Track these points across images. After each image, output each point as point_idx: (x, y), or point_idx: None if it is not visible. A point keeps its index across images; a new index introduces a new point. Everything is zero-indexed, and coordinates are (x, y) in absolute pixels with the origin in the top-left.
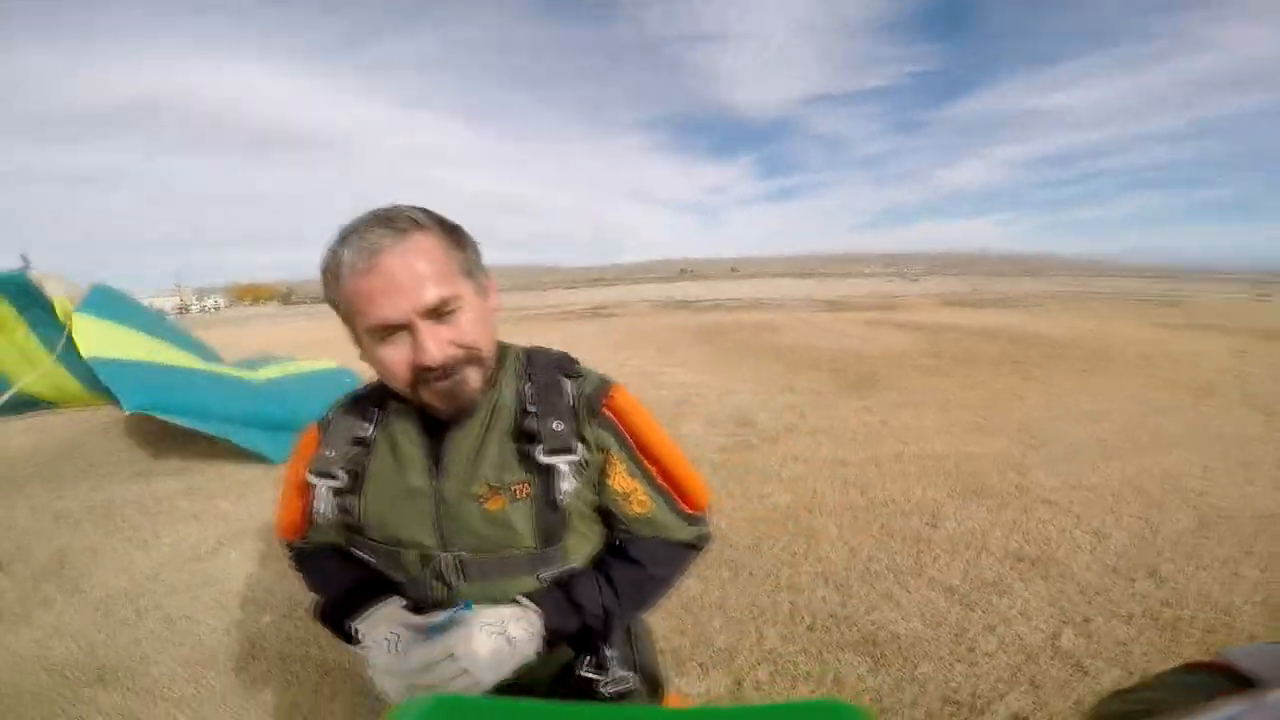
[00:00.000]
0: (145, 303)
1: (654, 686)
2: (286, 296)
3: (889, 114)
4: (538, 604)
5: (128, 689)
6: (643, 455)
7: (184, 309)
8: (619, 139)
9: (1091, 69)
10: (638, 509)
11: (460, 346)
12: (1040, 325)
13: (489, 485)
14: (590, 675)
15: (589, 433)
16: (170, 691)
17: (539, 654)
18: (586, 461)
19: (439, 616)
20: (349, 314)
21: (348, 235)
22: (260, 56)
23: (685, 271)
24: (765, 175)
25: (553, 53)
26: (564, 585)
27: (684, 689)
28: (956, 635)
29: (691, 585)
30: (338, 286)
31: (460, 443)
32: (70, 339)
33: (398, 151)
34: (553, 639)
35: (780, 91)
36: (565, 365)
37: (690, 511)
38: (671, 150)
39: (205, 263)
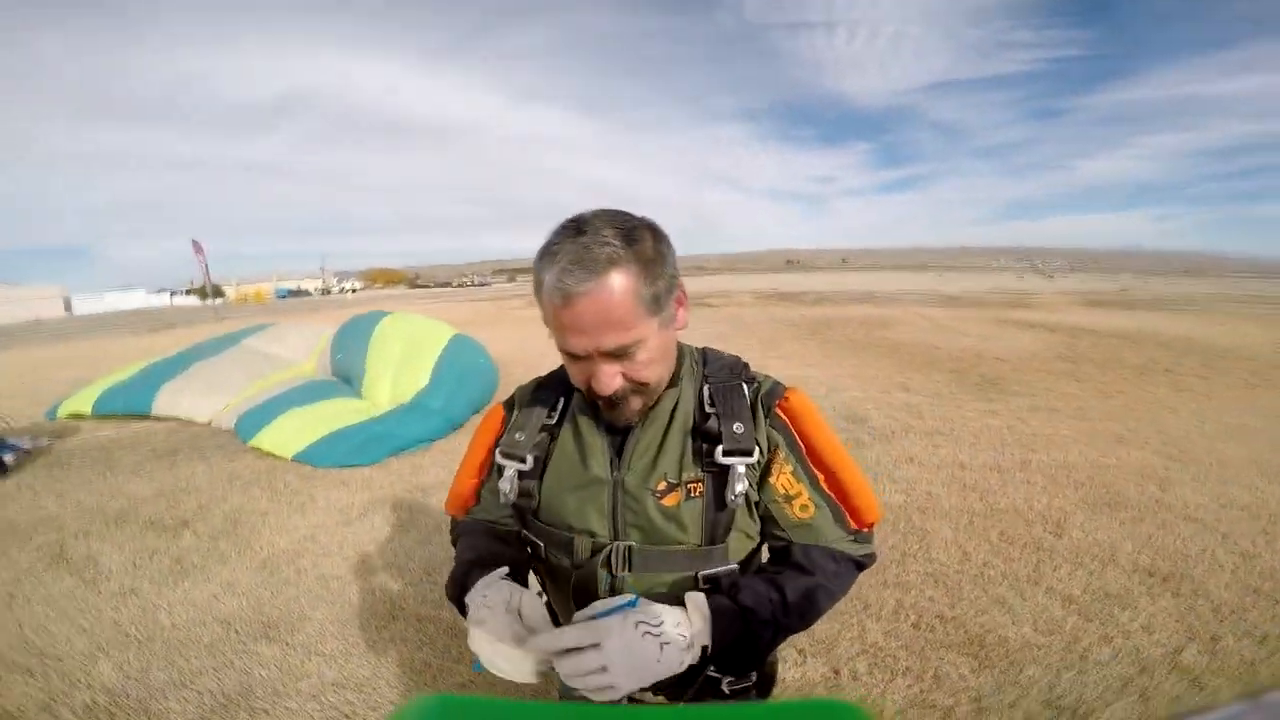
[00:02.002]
0: (294, 285)
1: (768, 681)
2: (413, 281)
3: (1021, 101)
4: (710, 608)
5: (286, 643)
6: (812, 460)
7: (326, 290)
8: (721, 128)
9: (1265, 55)
10: (799, 514)
11: (630, 381)
12: (1199, 331)
13: (667, 481)
14: (715, 674)
15: (762, 435)
16: (321, 647)
17: (690, 665)
18: (760, 464)
19: (606, 603)
20: (546, 321)
21: (554, 258)
22: (389, 55)
23: (792, 262)
24: (879, 165)
25: (656, 43)
26: (731, 592)
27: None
28: (1069, 644)
29: None
30: (540, 299)
31: (643, 438)
32: None
33: (513, 141)
34: (712, 653)
35: (896, 80)
36: (742, 369)
37: (856, 527)
38: (775, 139)
39: (345, 247)
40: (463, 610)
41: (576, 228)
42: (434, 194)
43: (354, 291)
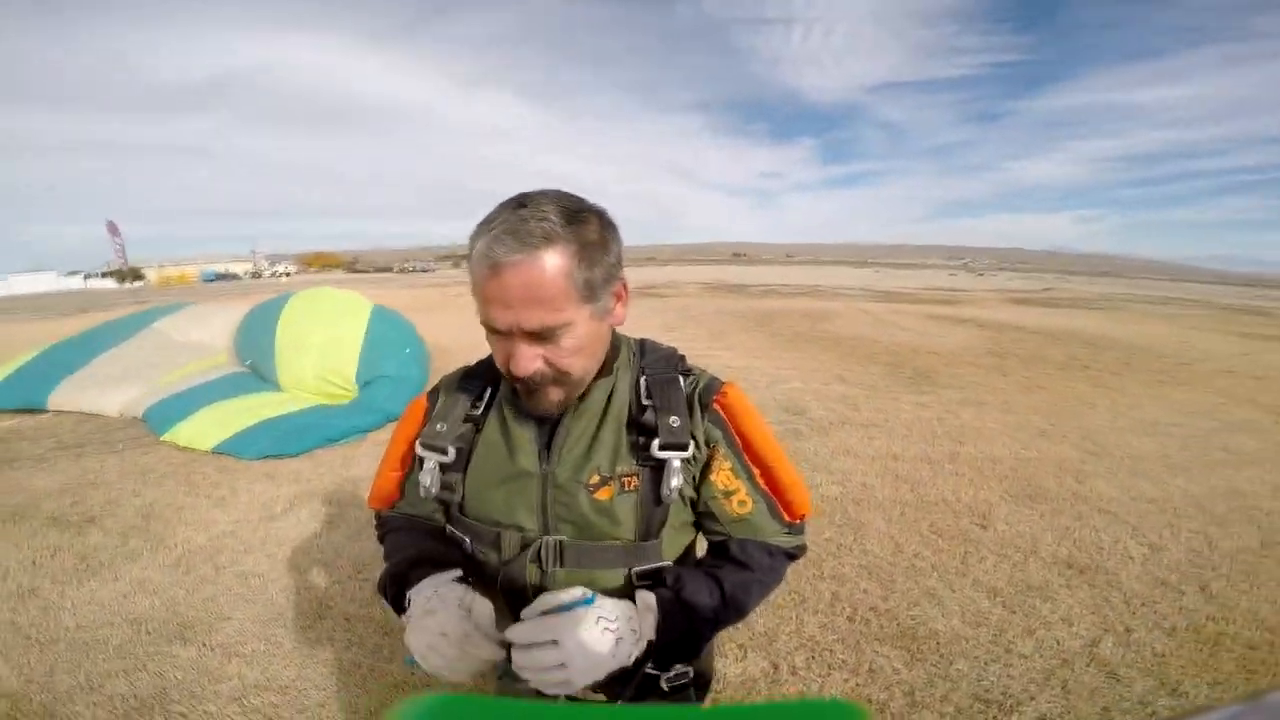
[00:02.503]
0: (222, 268)
1: (705, 679)
2: (351, 265)
3: (963, 104)
4: (656, 603)
5: (203, 644)
6: (749, 455)
7: (257, 274)
8: (674, 119)
9: (1193, 66)
10: (738, 509)
11: (550, 366)
12: (1116, 329)
13: (600, 474)
14: (653, 671)
15: (699, 430)
16: (242, 648)
17: (636, 659)
18: (695, 458)
19: (561, 598)
20: (474, 295)
21: (489, 227)
22: (332, 36)
23: (739, 255)
24: (825, 161)
25: (611, 32)
26: (675, 588)
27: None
28: (995, 636)
29: None
30: (470, 270)
31: (574, 429)
32: None
33: (461, 128)
34: (657, 647)
35: (846, 78)
36: (678, 361)
37: (790, 520)
38: (727, 133)
39: (278, 231)
40: (399, 606)
41: (519, 201)
42: (379, 180)
43: (287, 275)
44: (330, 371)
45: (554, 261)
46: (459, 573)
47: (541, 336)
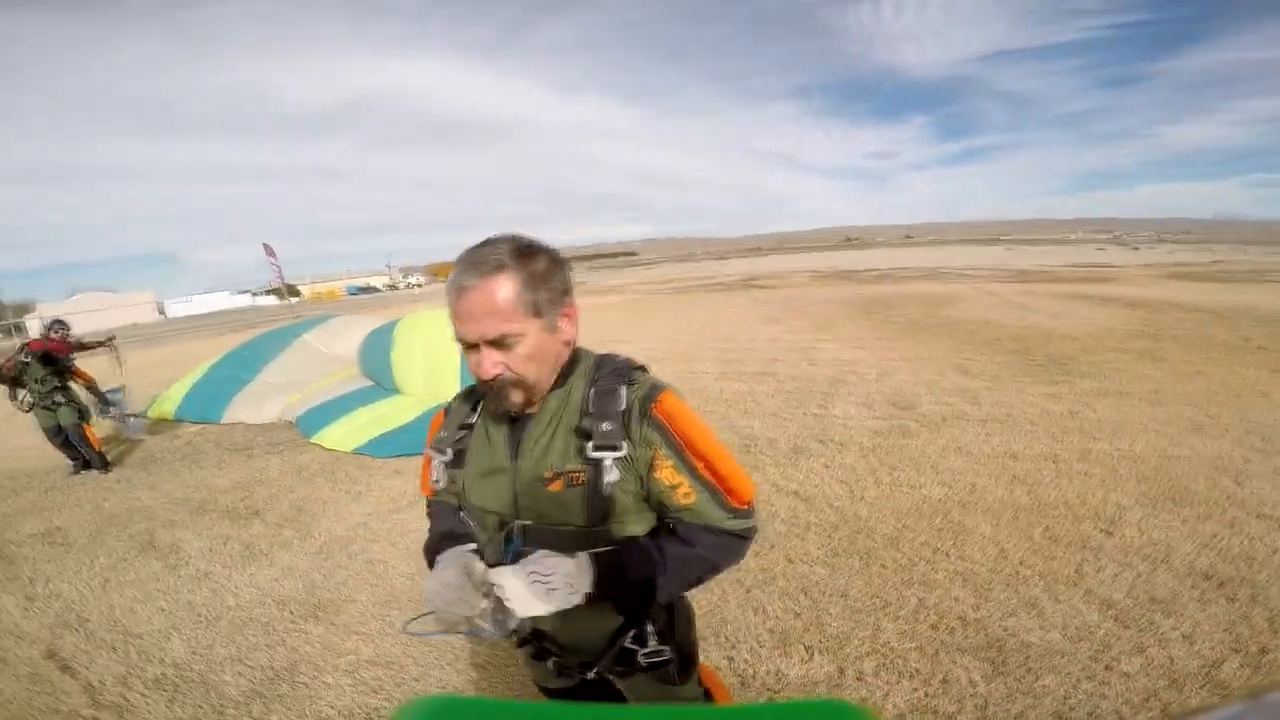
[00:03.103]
0: (363, 282)
1: (687, 660)
2: None
3: (1091, 69)
4: (593, 562)
5: (331, 623)
6: (690, 453)
7: (393, 286)
8: (769, 107)
9: None
10: (683, 500)
11: (505, 370)
12: None
13: (554, 470)
14: (630, 646)
15: (636, 433)
16: (362, 627)
17: (580, 603)
18: (632, 458)
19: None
20: (450, 319)
21: (463, 256)
22: (432, 55)
23: (851, 240)
24: (941, 138)
25: (693, 25)
26: (615, 552)
27: (784, 670)
28: (1097, 652)
29: (818, 571)
30: (446, 297)
31: (534, 433)
32: None
33: (560, 134)
34: (598, 594)
35: (951, 50)
36: (625, 373)
37: (734, 505)
38: (829, 115)
39: (408, 246)
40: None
41: (483, 242)
42: (489, 189)
43: (419, 286)
44: (436, 377)
45: (505, 284)
46: (474, 546)
47: (500, 344)
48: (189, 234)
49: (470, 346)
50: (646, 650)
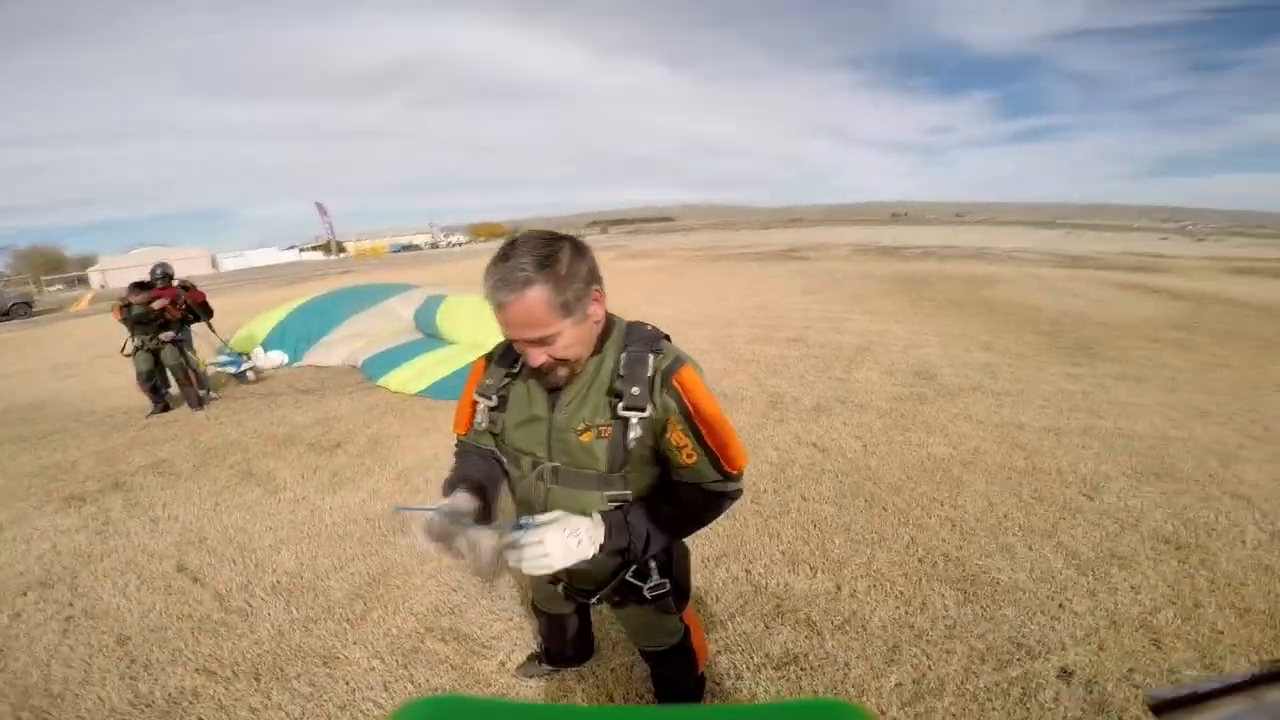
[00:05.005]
0: (407, 240)
1: (681, 593)
2: (512, 234)
3: (1179, 52)
4: (604, 520)
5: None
6: (697, 420)
7: (435, 244)
8: (821, 76)
9: None
10: (686, 460)
11: (553, 358)
12: None
13: (585, 423)
14: (633, 581)
15: (658, 398)
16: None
17: (594, 556)
18: (652, 418)
19: (540, 518)
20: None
21: (488, 275)
22: (482, 14)
23: (898, 215)
24: (1004, 115)
25: None
26: (620, 514)
27: (791, 583)
28: (1053, 593)
29: (827, 509)
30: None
31: (571, 390)
32: None
33: (602, 98)
34: (607, 546)
35: (1021, 27)
36: (653, 343)
37: (726, 469)
38: (885, 88)
39: (450, 205)
40: None
41: (503, 255)
42: (530, 152)
43: (460, 245)
44: (482, 329)
45: (535, 297)
46: (469, 494)
47: (541, 342)
48: (239, 191)
49: (515, 340)
50: (651, 585)
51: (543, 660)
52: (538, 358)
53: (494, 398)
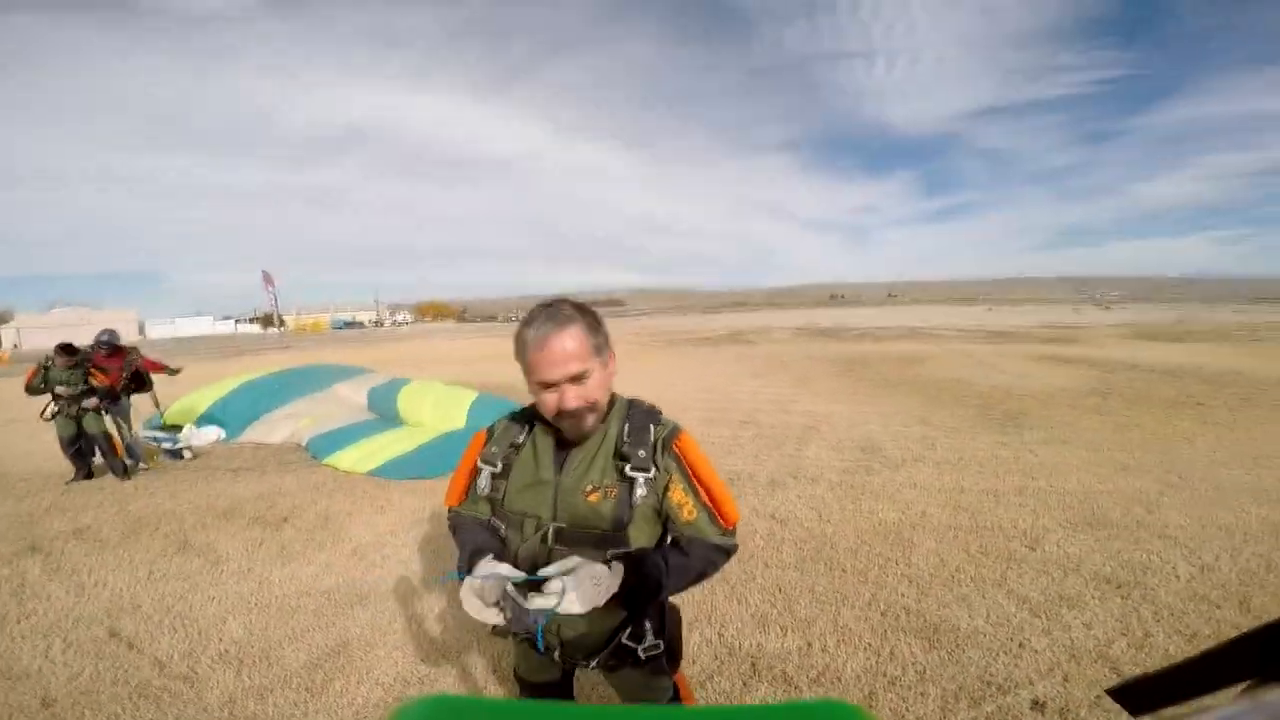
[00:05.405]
0: (350, 316)
1: (674, 654)
2: (461, 315)
3: (1070, 125)
4: (624, 561)
5: (376, 609)
6: (695, 480)
7: (379, 322)
8: (762, 159)
9: None
10: (686, 516)
11: (585, 400)
12: (1247, 363)
13: (594, 485)
14: (629, 644)
15: (660, 460)
16: (402, 612)
17: (602, 608)
18: (655, 479)
19: (565, 564)
20: (526, 370)
21: (531, 321)
22: (440, 91)
23: (835, 296)
24: (923, 194)
25: (695, 75)
26: (636, 558)
27: (763, 643)
28: (1012, 634)
29: (790, 574)
30: (523, 353)
31: (579, 456)
32: None
33: (557, 174)
34: (623, 592)
35: (938, 107)
36: (653, 415)
37: (723, 525)
38: (817, 170)
39: (397, 281)
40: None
41: (547, 304)
42: (483, 227)
43: (406, 324)
44: (443, 412)
45: (575, 332)
46: (493, 557)
47: (578, 379)
48: (173, 254)
49: (549, 387)
50: (646, 645)
51: None
52: (574, 399)
53: (499, 464)
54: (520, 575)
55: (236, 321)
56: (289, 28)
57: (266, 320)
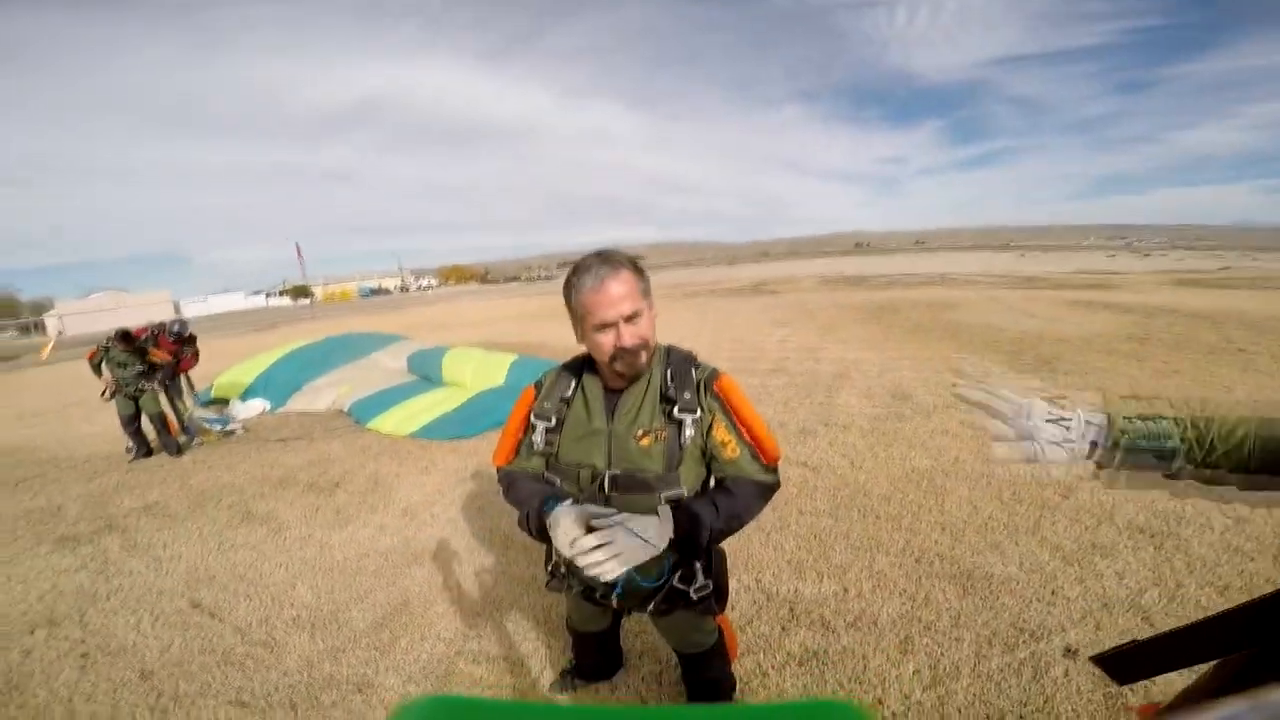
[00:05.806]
0: (375, 283)
1: (723, 593)
2: (484, 277)
3: (1105, 74)
4: (673, 511)
5: (431, 567)
6: (737, 419)
7: (405, 288)
8: (777, 111)
9: None
10: (729, 454)
11: (639, 338)
12: None
13: (644, 429)
14: (680, 586)
15: (704, 402)
16: (456, 569)
17: (664, 549)
18: (701, 419)
19: (612, 515)
20: (581, 314)
21: (584, 266)
22: (444, 61)
23: (861, 245)
24: (953, 142)
25: (705, 32)
26: (687, 505)
27: (800, 589)
28: (1045, 581)
29: (824, 520)
30: (576, 297)
31: (628, 401)
32: None
33: (568, 138)
34: (676, 540)
35: (964, 55)
36: (691, 359)
37: (765, 462)
38: (839, 121)
39: (417, 247)
40: (537, 531)
41: (599, 253)
42: (496, 193)
43: (430, 288)
44: (484, 373)
45: (629, 275)
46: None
47: (632, 319)
48: (201, 235)
49: (605, 328)
50: (697, 586)
51: (575, 676)
52: (630, 336)
53: (553, 419)
54: (610, 510)
55: (267, 295)
56: (294, 8)
57: (299, 291)
